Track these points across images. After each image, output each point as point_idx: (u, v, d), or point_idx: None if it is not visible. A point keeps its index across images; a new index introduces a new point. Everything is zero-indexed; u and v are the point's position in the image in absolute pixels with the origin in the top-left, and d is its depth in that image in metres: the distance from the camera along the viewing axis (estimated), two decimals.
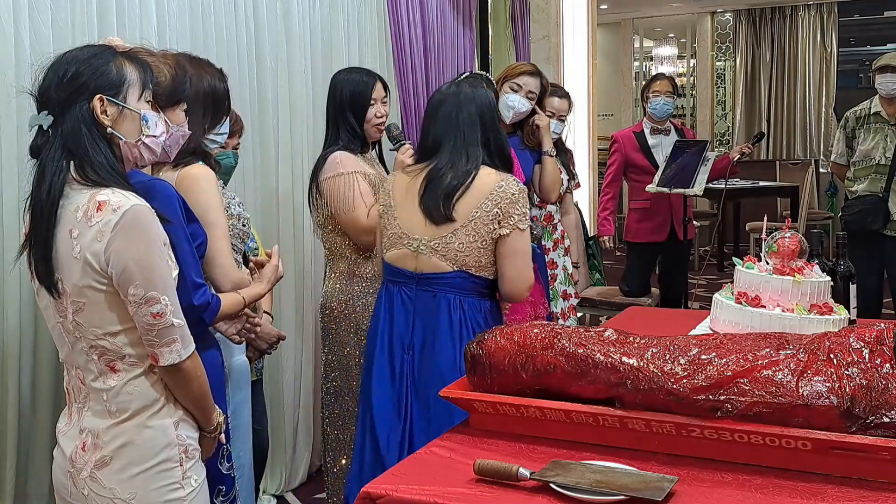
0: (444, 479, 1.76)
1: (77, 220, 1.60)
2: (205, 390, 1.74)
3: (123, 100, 1.67)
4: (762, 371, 1.76)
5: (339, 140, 2.88)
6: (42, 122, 1.64)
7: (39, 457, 2.52)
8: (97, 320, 1.63)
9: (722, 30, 10.45)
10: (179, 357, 1.65)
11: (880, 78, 4.45)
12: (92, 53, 1.68)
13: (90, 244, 1.59)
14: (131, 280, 1.59)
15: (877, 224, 4.46)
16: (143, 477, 1.65)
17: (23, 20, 2.45)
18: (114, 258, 1.58)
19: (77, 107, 1.63)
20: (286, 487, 3.64)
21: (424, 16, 4.45)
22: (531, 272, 2.43)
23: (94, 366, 1.66)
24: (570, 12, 6.35)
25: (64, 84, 1.63)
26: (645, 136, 4.80)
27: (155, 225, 1.62)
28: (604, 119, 10.00)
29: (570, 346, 1.92)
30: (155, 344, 1.63)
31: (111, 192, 1.60)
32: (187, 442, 1.72)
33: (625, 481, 1.66)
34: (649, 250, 4.85)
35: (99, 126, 1.64)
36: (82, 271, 1.60)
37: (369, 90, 2.89)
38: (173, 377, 1.68)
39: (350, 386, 2.88)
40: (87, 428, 1.68)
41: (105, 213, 1.58)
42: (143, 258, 1.59)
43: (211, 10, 3.15)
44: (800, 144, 9.98)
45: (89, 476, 1.66)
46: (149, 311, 1.60)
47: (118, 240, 1.57)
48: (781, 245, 2.49)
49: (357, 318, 2.87)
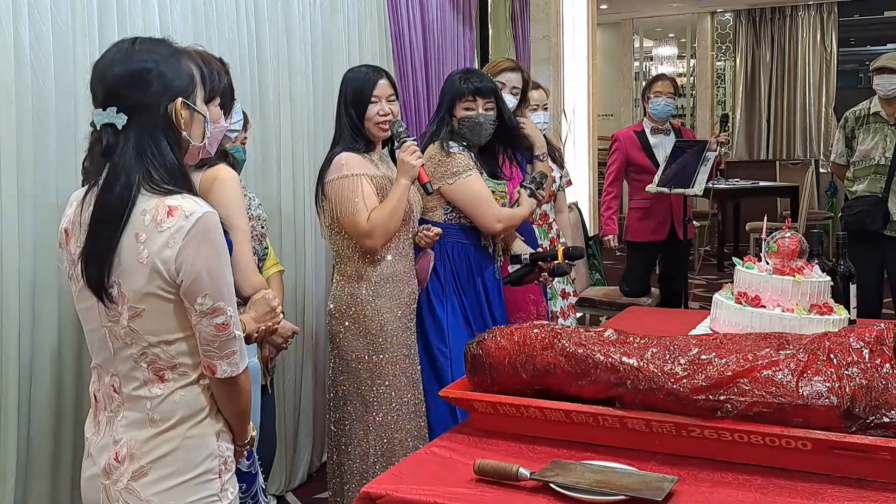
0: (444, 479, 1.76)
1: (145, 224, 1.52)
2: (249, 404, 1.70)
3: (194, 102, 1.62)
4: (762, 371, 1.76)
5: (343, 139, 2.84)
6: (116, 121, 1.54)
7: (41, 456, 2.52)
8: (155, 328, 1.57)
9: (722, 30, 10.45)
10: (237, 370, 1.61)
11: (878, 79, 4.45)
12: (169, 52, 1.61)
13: (160, 250, 1.52)
14: (201, 289, 1.54)
15: (877, 224, 4.46)
16: (182, 488, 1.60)
17: (22, 20, 2.45)
18: (186, 266, 1.52)
19: (158, 108, 1.56)
20: (286, 487, 3.64)
21: (424, 16, 4.45)
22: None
23: (141, 373, 1.60)
24: (570, 12, 6.35)
25: (144, 83, 1.55)
26: (646, 136, 4.80)
27: (222, 234, 1.58)
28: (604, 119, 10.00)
29: (570, 346, 1.92)
30: (214, 355, 1.58)
31: (181, 198, 1.54)
32: (226, 454, 1.68)
33: (625, 481, 1.66)
34: (649, 250, 4.85)
35: (175, 130, 1.59)
36: (148, 277, 1.54)
37: (370, 87, 2.83)
38: (226, 389, 1.63)
39: (359, 390, 2.85)
40: (123, 439, 1.62)
41: (177, 219, 1.52)
42: (214, 267, 1.55)
43: (212, 9, 3.15)
44: (800, 144, 9.98)
45: (125, 488, 1.60)
46: (214, 321, 1.56)
47: (191, 247, 1.52)
48: (781, 245, 2.49)
49: (366, 322, 2.83)
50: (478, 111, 3.02)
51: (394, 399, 2.85)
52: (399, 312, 2.88)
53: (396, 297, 2.88)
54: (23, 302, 2.46)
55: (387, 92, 2.87)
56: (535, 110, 4.00)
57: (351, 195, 2.75)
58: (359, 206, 2.74)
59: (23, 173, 2.45)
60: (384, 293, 2.84)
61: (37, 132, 2.49)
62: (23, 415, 2.47)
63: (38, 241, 2.48)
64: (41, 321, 2.52)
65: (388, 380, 2.85)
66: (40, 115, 2.50)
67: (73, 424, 2.57)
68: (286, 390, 3.60)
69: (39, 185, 2.49)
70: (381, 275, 2.84)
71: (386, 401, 2.85)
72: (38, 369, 2.52)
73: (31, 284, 2.48)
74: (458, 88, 3.05)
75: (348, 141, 2.84)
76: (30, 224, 2.46)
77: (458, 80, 3.07)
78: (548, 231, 4.09)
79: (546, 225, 4.08)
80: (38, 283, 2.49)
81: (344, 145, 2.83)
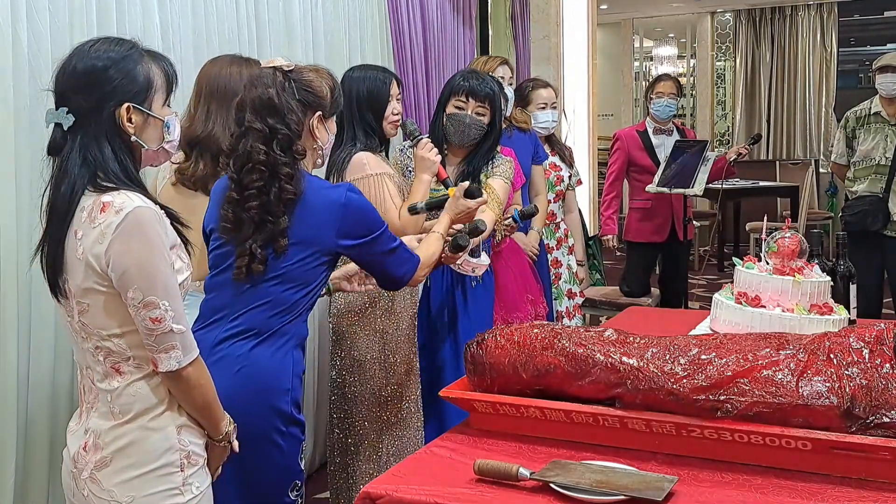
0: (444, 479, 1.76)
1: (82, 221, 1.57)
2: (208, 399, 1.70)
3: (149, 106, 1.63)
4: (762, 371, 1.76)
5: (356, 139, 2.84)
6: (62, 121, 1.58)
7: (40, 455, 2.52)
8: (100, 322, 1.62)
9: (722, 30, 10.45)
10: (179, 364, 1.62)
11: (881, 78, 4.45)
12: (121, 54, 1.61)
13: (92, 246, 1.56)
14: (130, 283, 1.56)
15: (877, 224, 4.46)
16: (142, 480, 1.63)
17: (21, 20, 2.44)
18: (114, 260, 1.55)
19: (102, 113, 1.58)
20: None
21: (424, 15, 4.46)
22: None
23: (100, 367, 1.65)
24: (570, 12, 6.34)
25: (90, 86, 1.57)
26: (648, 136, 4.79)
27: (157, 227, 1.59)
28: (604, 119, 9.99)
29: (570, 346, 1.92)
30: (154, 349, 1.60)
31: (116, 194, 1.57)
32: (190, 448, 1.69)
33: (625, 481, 1.66)
34: (649, 250, 4.84)
35: (123, 134, 1.60)
36: (85, 273, 1.58)
37: (387, 88, 2.87)
38: (174, 383, 1.65)
39: (372, 390, 2.85)
40: (91, 428, 1.66)
41: (108, 215, 1.55)
42: (144, 261, 1.56)
43: (213, 9, 3.15)
44: (800, 144, 9.98)
45: (89, 477, 1.65)
46: (147, 315, 1.58)
47: (118, 242, 1.55)
48: (781, 245, 2.49)
49: (383, 321, 2.84)
50: (467, 111, 3.02)
51: (405, 397, 2.89)
52: (412, 311, 2.93)
53: (409, 296, 2.92)
54: (21, 302, 2.46)
55: (397, 91, 2.92)
56: (544, 109, 4.00)
57: (379, 195, 2.75)
58: (388, 204, 2.74)
59: (20, 173, 2.45)
60: (399, 293, 2.86)
61: (35, 132, 2.49)
62: (21, 415, 2.47)
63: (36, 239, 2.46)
64: (40, 319, 2.52)
65: (400, 378, 2.88)
66: (38, 114, 2.49)
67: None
68: None
69: (37, 184, 2.47)
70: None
71: (398, 399, 2.88)
72: (36, 369, 2.52)
73: (28, 284, 2.47)
74: (454, 85, 3.06)
75: (364, 141, 2.84)
76: (27, 223, 2.46)
77: (459, 78, 3.08)
78: (555, 231, 4.09)
79: (553, 224, 4.08)
80: (35, 283, 2.49)
81: (361, 146, 2.83)
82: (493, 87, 3.08)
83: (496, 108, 3.06)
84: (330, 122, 2.09)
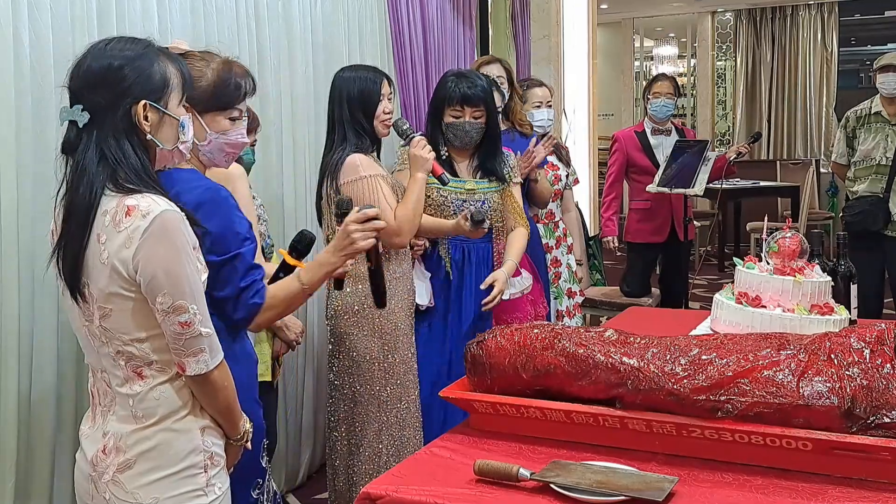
0: (444, 480, 1.76)
1: (105, 224, 1.54)
2: (231, 400, 1.70)
3: (165, 105, 1.62)
4: (763, 371, 1.76)
5: (347, 140, 2.83)
6: (78, 118, 1.56)
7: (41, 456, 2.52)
8: (124, 327, 1.59)
9: (722, 29, 10.45)
10: (207, 367, 1.61)
11: (882, 77, 4.45)
12: (137, 53, 1.60)
13: (118, 250, 1.54)
14: (160, 288, 1.54)
15: (877, 224, 4.46)
16: (165, 482, 1.62)
17: (22, 19, 2.44)
18: (142, 265, 1.53)
19: (118, 110, 1.56)
20: (286, 488, 3.64)
21: (424, 15, 4.45)
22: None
23: (121, 371, 1.63)
24: (570, 12, 6.34)
25: (106, 83, 1.56)
26: (647, 136, 4.79)
27: (184, 230, 1.58)
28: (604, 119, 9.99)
29: (570, 346, 1.92)
30: (182, 353, 1.59)
31: (141, 197, 1.55)
32: (213, 449, 1.69)
33: (625, 482, 1.66)
34: (650, 250, 4.84)
35: (139, 132, 1.59)
36: (109, 278, 1.55)
37: (378, 87, 2.86)
38: (200, 387, 1.64)
39: (372, 391, 2.85)
40: (111, 432, 1.64)
41: (134, 219, 1.53)
42: (172, 266, 1.55)
43: (212, 9, 3.15)
44: (800, 144, 9.98)
45: (111, 480, 1.63)
46: (177, 319, 1.56)
47: (147, 246, 1.53)
48: (782, 245, 2.48)
49: (381, 322, 2.84)
50: (464, 118, 3.03)
51: (403, 397, 2.89)
52: (409, 311, 2.93)
53: (407, 296, 2.92)
54: (23, 302, 2.46)
55: (388, 91, 2.91)
56: (539, 107, 4.01)
57: (374, 196, 2.76)
58: (383, 205, 2.75)
59: (22, 174, 2.45)
60: (397, 293, 2.86)
61: (36, 132, 2.49)
62: (23, 415, 2.48)
63: (38, 241, 2.48)
64: (41, 320, 2.52)
65: (399, 378, 2.88)
66: (40, 115, 2.50)
67: (73, 424, 2.57)
68: (287, 391, 3.60)
69: (39, 185, 2.49)
70: (393, 275, 2.86)
71: (398, 399, 2.87)
72: (38, 369, 2.52)
73: (30, 284, 2.48)
74: (447, 94, 3.05)
75: (355, 142, 2.83)
76: (29, 224, 2.46)
77: (450, 85, 3.06)
78: (554, 230, 4.09)
79: (552, 223, 4.08)
80: (37, 283, 2.49)
81: (352, 147, 2.83)
82: (484, 85, 3.09)
83: (491, 107, 3.10)
84: (210, 116, 1.89)
